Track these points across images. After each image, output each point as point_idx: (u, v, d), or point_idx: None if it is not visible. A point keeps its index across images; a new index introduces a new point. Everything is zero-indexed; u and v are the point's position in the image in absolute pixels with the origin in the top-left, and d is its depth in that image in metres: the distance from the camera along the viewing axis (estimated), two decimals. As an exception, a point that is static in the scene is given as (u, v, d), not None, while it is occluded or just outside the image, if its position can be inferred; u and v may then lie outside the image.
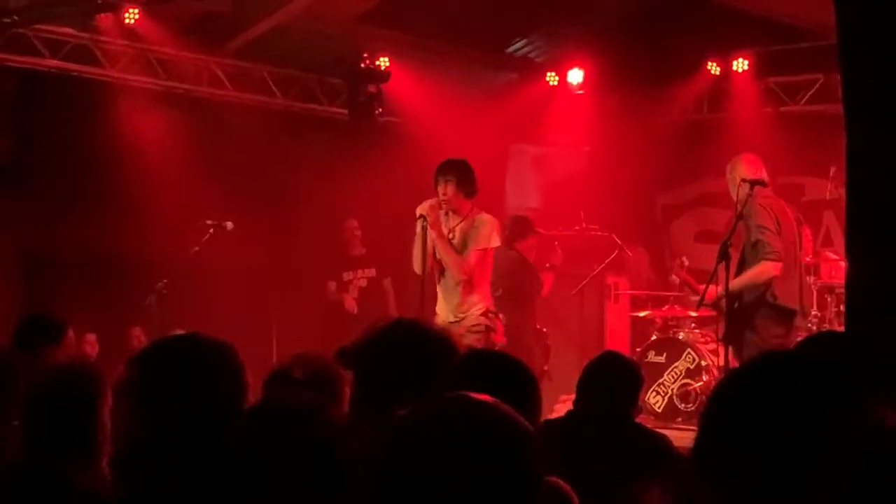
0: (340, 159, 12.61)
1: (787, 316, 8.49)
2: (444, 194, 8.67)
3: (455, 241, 8.77)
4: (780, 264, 8.42)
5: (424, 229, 8.67)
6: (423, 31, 12.74)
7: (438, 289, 8.91)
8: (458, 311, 8.75)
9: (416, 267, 8.85)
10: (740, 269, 8.44)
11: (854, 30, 5.27)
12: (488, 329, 8.68)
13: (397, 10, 12.17)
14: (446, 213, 8.83)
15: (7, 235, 11.27)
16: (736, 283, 8.31)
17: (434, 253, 8.81)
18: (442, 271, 8.84)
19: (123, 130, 11.57)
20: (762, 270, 8.39)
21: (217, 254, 10.47)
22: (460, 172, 8.75)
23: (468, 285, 8.73)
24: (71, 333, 6.02)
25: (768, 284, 8.40)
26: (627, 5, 12.74)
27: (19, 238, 11.38)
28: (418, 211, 8.75)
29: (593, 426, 4.99)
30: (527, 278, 10.91)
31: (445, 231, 8.77)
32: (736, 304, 8.31)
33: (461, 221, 8.78)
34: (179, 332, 3.87)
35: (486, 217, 8.82)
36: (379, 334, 3.31)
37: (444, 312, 8.80)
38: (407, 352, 3.21)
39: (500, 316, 8.97)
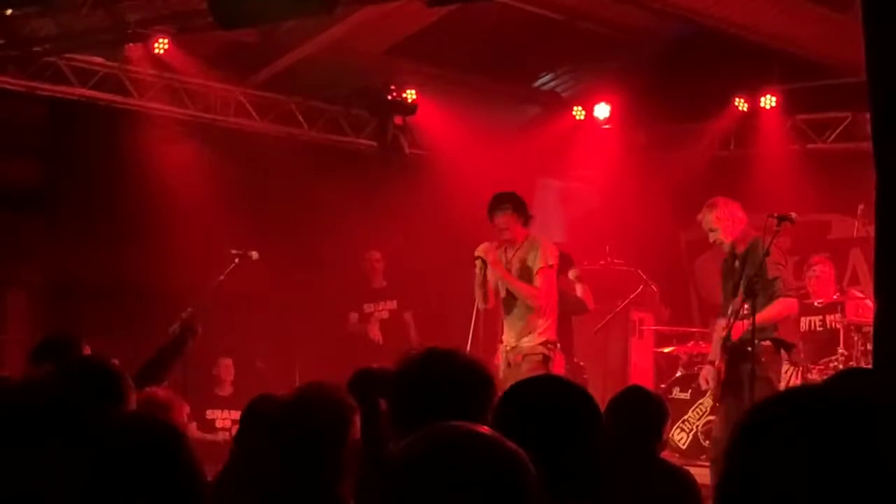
0: (365, 191, 12.62)
1: (785, 350, 8.49)
2: (504, 224, 8.85)
3: (514, 270, 8.95)
4: (796, 301, 8.56)
5: (482, 270, 8.87)
6: (450, 64, 12.78)
7: (505, 321, 9.08)
8: (521, 335, 8.90)
9: (480, 303, 9.05)
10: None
11: (884, 68, 5.25)
12: (546, 358, 8.75)
13: (425, 43, 12.21)
14: (504, 249, 8.97)
15: (33, 262, 11.33)
16: (764, 319, 8.25)
17: (496, 290, 9.01)
18: (509, 305, 8.99)
19: (150, 159, 11.62)
20: (787, 306, 8.38)
21: (242, 283, 10.47)
22: (515, 201, 8.97)
23: (537, 312, 8.89)
24: (87, 350, 6.02)
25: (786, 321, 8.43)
26: (655, 41, 12.76)
27: (45, 265, 11.43)
28: (477, 253, 8.91)
29: (618, 461, 4.96)
30: (568, 313, 10.89)
31: (504, 263, 8.93)
32: (756, 341, 8.25)
33: (517, 250, 8.96)
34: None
35: (539, 238, 9.07)
36: (413, 363, 3.30)
37: (508, 339, 8.97)
38: (441, 380, 3.20)
39: (559, 347, 9.04)
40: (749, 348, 8.10)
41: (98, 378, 3.93)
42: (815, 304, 10.30)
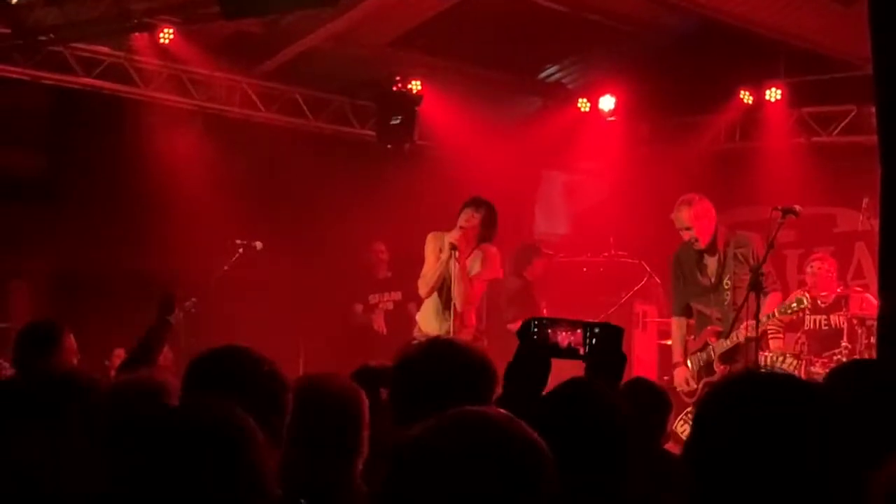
0: (370, 182, 12.63)
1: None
2: (468, 222, 8.67)
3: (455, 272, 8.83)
4: (781, 295, 8.90)
5: (451, 258, 8.65)
6: (455, 55, 12.77)
7: (429, 303, 8.95)
8: (450, 331, 8.76)
9: (424, 290, 8.89)
10: (722, 301, 8.50)
11: (889, 61, 5.25)
12: None
13: (430, 34, 12.21)
14: (452, 245, 8.82)
15: (37, 252, 11.33)
16: (769, 309, 8.45)
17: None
18: (440, 293, 8.87)
19: (155, 149, 11.62)
20: (776, 300, 8.68)
21: (246, 273, 10.49)
22: (489, 213, 8.77)
23: (464, 310, 8.79)
24: (70, 339, 6.02)
25: None
26: (660, 33, 12.75)
27: (49, 254, 11.43)
28: (448, 239, 8.68)
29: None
30: (533, 305, 11.08)
31: (455, 258, 8.84)
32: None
33: (469, 253, 8.78)
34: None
35: (492, 249, 8.85)
36: (414, 353, 3.30)
37: (432, 330, 8.78)
38: (444, 369, 3.20)
39: (485, 340, 9.00)
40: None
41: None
42: (820, 303, 10.29)
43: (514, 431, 1.95)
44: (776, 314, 8.67)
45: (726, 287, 8.46)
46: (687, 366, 8.82)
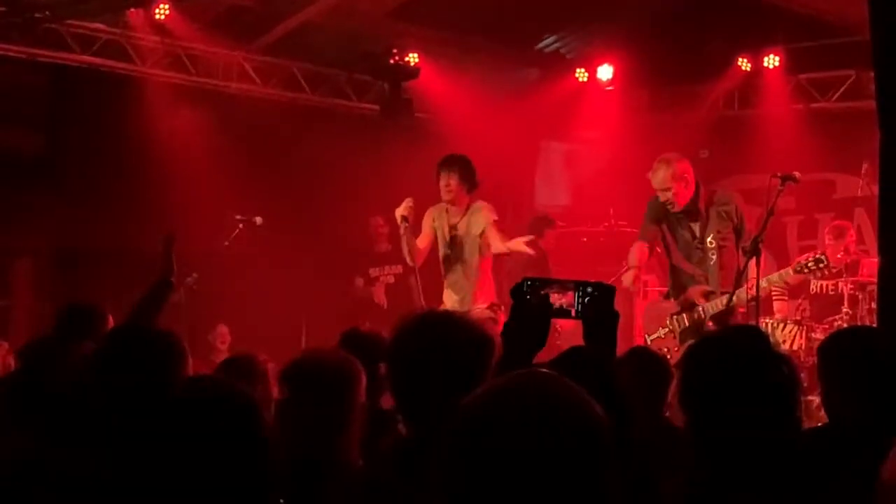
0: (368, 155, 12.61)
1: None
2: (448, 186, 8.85)
3: (460, 234, 8.97)
4: None
5: (407, 230, 8.89)
6: (452, 27, 12.73)
7: (448, 284, 9.11)
8: (466, 301, 8.94)
9: (410, 260, 9.08)
10: (708, 260, 8.37)
11: (888, 26, 5.23)
12: (493, 321, 8.73)
13: (427, 6, 12.16)
14: (446, 211, 9.02)
15: (38, 229, 11.33)
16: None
17: (438, 247, 9.08)
18: (452, 267, 9.01)
19: (153, 125, 11.61)
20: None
21: (246, 248, 10.49)
22: (463, 166, 8.91)
23: (479, 277, 8.95)
24: (111, 321, 6.02)
25: None
26: (658, 1, 12.70)
27: (50, 231, 11.44)
28: (398, 213, 8.91)
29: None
30: (549, 276, 11.08)
31: (447, 227, 9.00)
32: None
33: (462, 215, 8.96)
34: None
35: (481, 202, 8.99)
36: (410, 326, 3.30)
37: (451, 303, 8.95)
38: (440, 342, 3.21)
39: (503, 308, 9.04)
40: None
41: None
42: (833, 268, 10.17)
43: (578, 400, 1.96)
44: (791, 272, 8.35)
45: (711, 246, 8.30)
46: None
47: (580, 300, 3.18)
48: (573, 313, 3.17)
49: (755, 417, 2.90)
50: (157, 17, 11.29)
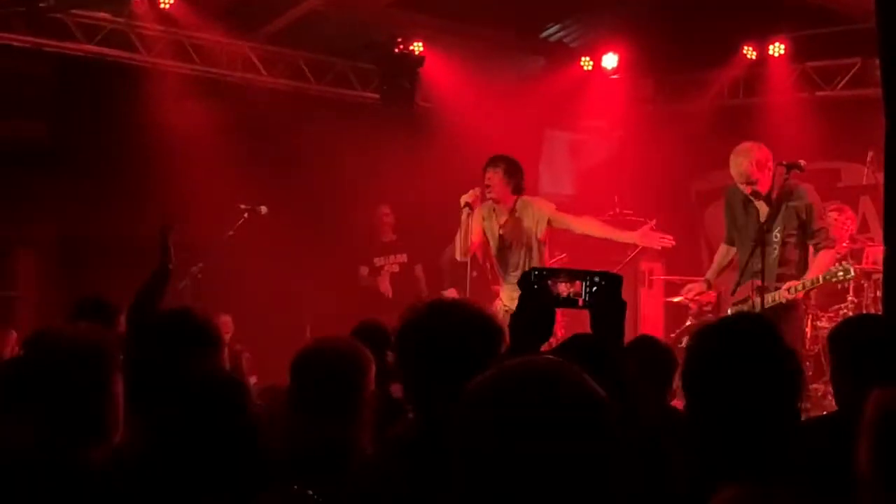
0: (373, 145, 12.60)
1: None
2: (490, 181, 8.74)
3: (507, 235, 8.87)
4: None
5: (469, 217, 8.73)
6: (456, 15, 12.71)
7: (504, 280, 9.01)
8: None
9: (458, 254, 8.93)
10: (769, 254, 8.24)
11: (894, 14, 5.22)
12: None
13: (431, -6, 12.16)
14: (492, 209, 8.89)
15: (42, 220, 11.34)
16: (818, 271, 8.11)
17: (483, 242, 8.96)
18: (507, 263, 8.91)
19: (158, 115, 11.59)
20: (833, 257, 8.33)
21: (251, 238, 10.49)
22: (509, 164, 8.83)
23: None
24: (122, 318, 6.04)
25: None
26: (663, -11, 12.68)
27: (56, 220, 11.46)
28: (463, 199, 8.76)
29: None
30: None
31: (496, 227, 8.86)
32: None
33: (508, 213, 8.86)
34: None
35: (527, 196, 8.95)
36: (417, 315, 3.31)
37: (509, 300, 8.77)
38: (447, 331, 3.21)
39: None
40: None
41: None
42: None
43: (579, 378, 1.98)
44: (821, 280, 8.17)
45: (776, 240, 8.15)
46: (706, 285, 8.68)
47: (587, 290, 3.18)
48: (580, 303, 3.18)
49: (754, 404, 2.91)
50: (162, 6, 11.29)
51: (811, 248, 8.16)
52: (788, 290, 8.02)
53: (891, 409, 2.89)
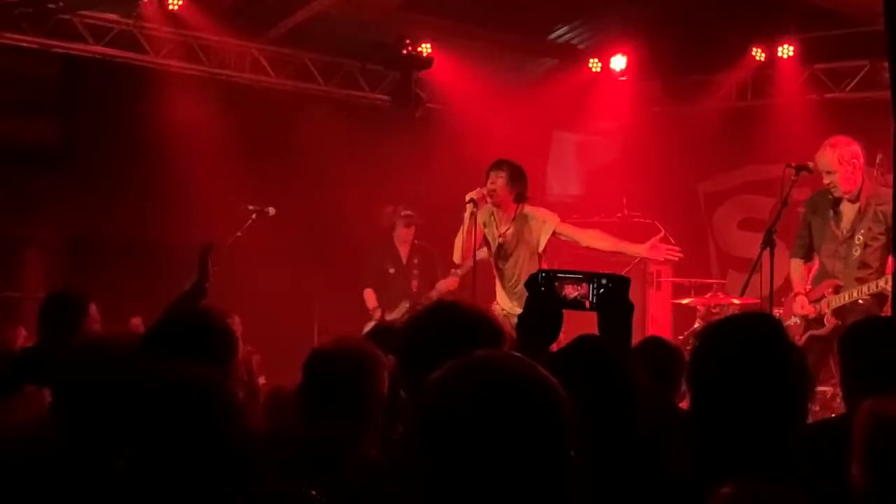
0: (381, 146, 12.60)
1: None
2: (493, 184, 8.63)
3: (507, 244, 8.76)
4: None
5: (473, 215, 8.54)
6: (464, 17, 12.71)
7: (503, 285, 8.87)
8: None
9: (457, 256, 8.85)
10: (849, 256, 8.03)
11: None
12: None
13: (439, -4, 12.16)
14: (493, 216, 8.79)
15: (49, 219, 11.36)
16: None
17: (483, 244, 8.83)
18: (507, 268, 8.80)
19: (166, 116, 11.61)
20: None
21: (259, 239, 10.49)
22: (514, 170, 8.70)
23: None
24: (94, 308, 6.03)
25: None
26: (671, -9, 12.66)
27: (64, 221, 11.47)
28: (469, 196, 8.58)
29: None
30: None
31: (497, 235, 8.75)
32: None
33: (509, 223, 8.75)
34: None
35: (531, 208, 8.81)
36: (419, 317, 3.31)
37: (508, 305, 8.72)
38: (449, 333, 3.21)
39: None
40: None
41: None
42: None
43: (530, 371, 1.99)
44: (866, 291, 7.90)
45: (857, 242, 7.99)
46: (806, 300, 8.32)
47: (595, 292, 3.18)
48: (588, 305, 3.17)
49: (758, 403, 2.90)
50: (171, 7, 11.30)
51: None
52: (872, 286, 7.81)
53: (883, 420, 2.87)
